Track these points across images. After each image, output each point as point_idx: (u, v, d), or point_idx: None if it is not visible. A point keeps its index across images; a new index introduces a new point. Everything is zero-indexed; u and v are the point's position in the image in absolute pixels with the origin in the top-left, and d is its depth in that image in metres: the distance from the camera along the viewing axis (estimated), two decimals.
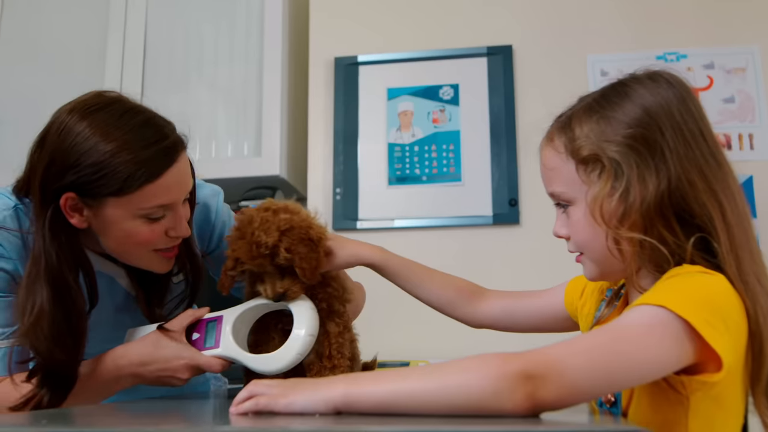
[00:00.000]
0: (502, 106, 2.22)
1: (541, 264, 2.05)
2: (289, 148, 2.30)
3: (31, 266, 1.09)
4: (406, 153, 2.24)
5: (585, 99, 0.98)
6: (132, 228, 1.10)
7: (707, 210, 0.88)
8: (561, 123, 0.98)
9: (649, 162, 0.88)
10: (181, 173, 1.12)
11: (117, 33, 2.43)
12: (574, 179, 0.94)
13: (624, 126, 0.90)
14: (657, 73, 0.94)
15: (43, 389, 1.08)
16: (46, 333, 1.06)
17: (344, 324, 1.18)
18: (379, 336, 1.41)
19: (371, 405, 0.76)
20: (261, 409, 0.78)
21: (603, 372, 0.77)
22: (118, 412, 0.97)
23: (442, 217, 2.18)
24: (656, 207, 0.88)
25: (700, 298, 0.82)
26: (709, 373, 0.82)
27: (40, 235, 1.08)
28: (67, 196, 1.07)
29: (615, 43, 2.22)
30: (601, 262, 0.95)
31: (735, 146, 2.10)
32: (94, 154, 1.05)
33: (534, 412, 0.74)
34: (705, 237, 0.88)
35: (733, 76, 2.15)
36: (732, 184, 0.91)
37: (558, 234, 1.00)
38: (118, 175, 1.05)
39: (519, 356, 0.75)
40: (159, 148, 1.08)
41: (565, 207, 0.97)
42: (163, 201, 1.10)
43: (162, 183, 1.08)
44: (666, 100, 0.91)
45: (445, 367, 0.78)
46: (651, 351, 0.79)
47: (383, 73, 2.31)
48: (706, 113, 0.93)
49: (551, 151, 0.97)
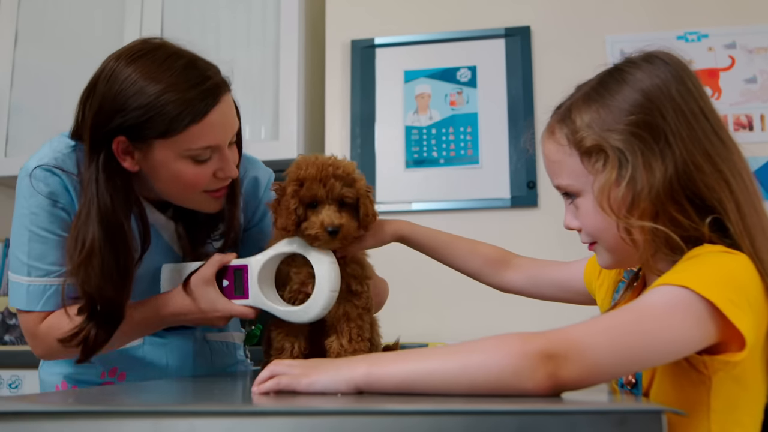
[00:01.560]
0: (520, 88, 2.20)
1: (560, 247, 2.03)
2: (306, 131, 2.30)
3: (84, 207, 1.14)
4: (424, 136, 2.23)
5: (582, 87, 0.97)
6: (180, 169, 1.14)
7: (716, 192, 0.87)
8: (560, 114, 0.97)
9: (653, 148, 0.87)
10: (226, 114, 1.15)
11: (134, 18, 2.44)
12: (579, 171, 0.93)
13: (625, 113, 0.89)
14: (652, 55, 0.93)
15: (90, 324, 1.14)
16: (96, 270, 1.12)
17: (363, 305, 1.18)
18: (399, 319, 1.41)
19: (393, 385, 0.76)
20: (282, 388, 0.79)
21: (624, 351, 0.77)
22: (142, 392, 0.99)
23: (460, 200, 2.18)
24: (666, 192, 0.87)
25: (722, 277, 0.81)
26: (732, 352, 0.82)
27: (94, 179, 1.13)
28: (118, 140, 1.12)
29: (634, 23, 2.19)
30: (615, 251, 0.94)
31: (757, 127, 2.07)
32: (140, 97, 1.09)
33: (555, 391, 0.74)
34: (718, 218, 0.87)
35: (756, 56, 2.12)
36: (738, 161, 0.90)
37: (569, 226, 0.99)
38: (164, 116, 1.08)
39: (540, 336, 0.76)
40: (203, 89, 1.11)
41: (573, 198, 0.97)
42: (208, 142, 1.12)
43: (207, 123, 1.11)
44: (664, 82, 0.90)
45: (467, 347, 0.78)
46: (673, 330, 0.78)
47: (400, 55, 2.30)
48: (705, 90, 0.92)
49: (553, 144, 0.97)
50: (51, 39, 2.53)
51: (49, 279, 1.20)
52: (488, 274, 1.28)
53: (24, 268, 1.20)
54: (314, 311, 1.12)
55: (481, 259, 1.27)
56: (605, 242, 0.95)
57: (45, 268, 1.20)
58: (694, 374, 0.85)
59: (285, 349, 1.17)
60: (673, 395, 0.89)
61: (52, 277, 1.20)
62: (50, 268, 1.20)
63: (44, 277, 1.20)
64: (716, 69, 2.12)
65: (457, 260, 1.27)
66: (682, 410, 0.86)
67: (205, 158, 1.14)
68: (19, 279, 1.21)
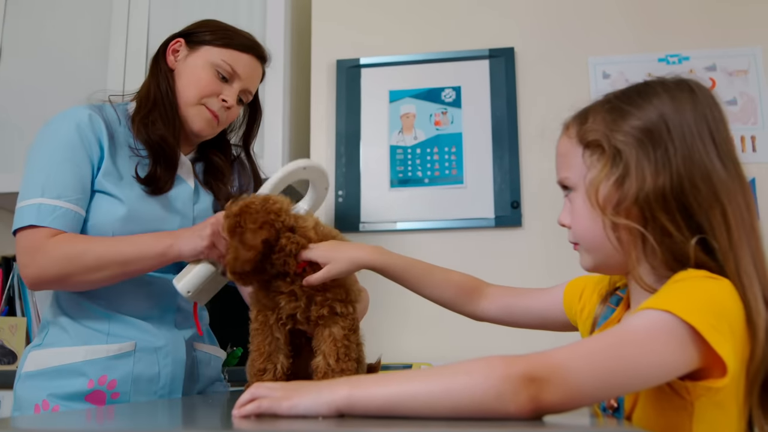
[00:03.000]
0: (504, 109, 2.22)
1: (543, 266, 2.04)
2: (291, 150, 2.30)
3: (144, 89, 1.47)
4: (408, 155, 2.24)
5: (609, 94, 1.00)
6: (202, 75, 1.43)
7: (708, 212, 0.88)
8: (580, 113, 1.00)
9: (650, 156, 0.90)
10: (255, 73, 1.51)
11: (120, 34, 2.43)
12: (579, 164, 0.97)
13: (634, 119, 0.92)
14: (684, 81, 0.96)
15: (157, 167, 1.39)
16: (159, 120, 1.40)
17: (350, 326, 1.17)
18: (382, 338, 1.41)
19: (375, 407, 0.76)
20: (264, 411, 0.78)
21: (606, 376, 0.77)
22: (122, 414, 0.97)
23: (445, 219, 2.18)
24: (657, 201, 0.88)
25: (705, 302, 0.82)
26: (714, 378, 0.82)
27: (153, 76, 1.47)
28: (177, 39, 1.48)
29: (617, 45, 2.22)
30: (597, 251, 0.96)
31: (738, 148, 2.09)
32: (220, 22, 1.53)
33: (537, 414, 0.74)
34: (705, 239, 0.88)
35: (735, 78, 2.15)
36: (738, 188, 0.91)
37: (561, 222, 1.01)
38: (225, 36, 1.47)
39: (522, 359, 0.75)
40: (255, 44, 1.51)
41: (569, 192, 0.99)
42: (235, 68, 1.45)
43: (243, 57, 1.47)
44: (682, 104, 0.92)
45: (449, 370, 0.78)
46: (655, 355, 0.78)
47: (385, 75, 2.31)
48: (725, 122, 0.94)
49: (565, 138, 1.01)
50: (36, 53, 2.52)
51: (60, 201, 1.29)
52: (462, 303, 1.26)
53: (37, 189, 1.29)
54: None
55: (454, 288, 1.26)
56: (588, 242, 0.96)
57: (59, 191, 1.29)
58: (677, 399, 0.85)
59: (267, 370, 1.16)
60: (655, 420, 0.89)
61: (64, 201, 1.29)
62: (64, 191, 1.29)
63: (56, 199, 1.28)
64: None
65: (430, 290, 1.25)
66: None
67: (224, 77, 1.44)
68: (30, 201, 1.28)
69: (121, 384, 1.33)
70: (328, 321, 1.15)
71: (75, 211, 1.31)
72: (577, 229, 0.98)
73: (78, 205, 1.31)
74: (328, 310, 1.15)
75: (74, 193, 1.31)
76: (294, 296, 1.15)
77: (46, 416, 1.14)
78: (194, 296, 1.28)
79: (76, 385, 1.31)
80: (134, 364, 1.35)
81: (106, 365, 1.32)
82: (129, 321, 1.38)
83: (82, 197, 1.32)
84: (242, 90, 1.47)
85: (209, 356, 1.53)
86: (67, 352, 1.33)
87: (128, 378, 1.34)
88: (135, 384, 1.34)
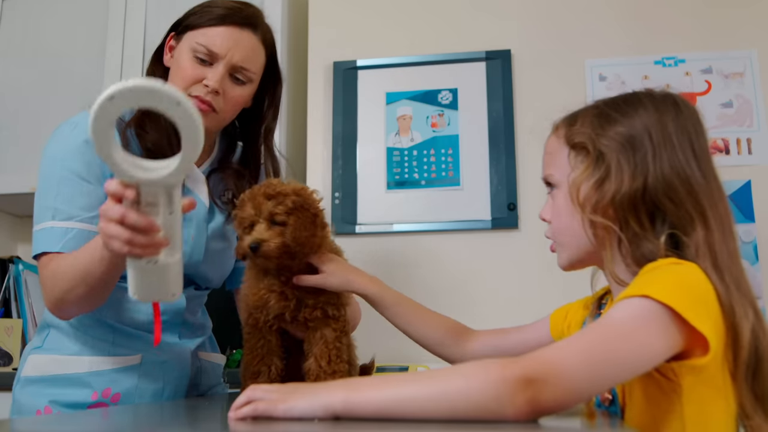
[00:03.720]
0: (500, 111, 2.22)
1: (540, 268, 2.04)
2: (288, 151, 2.30)
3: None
4: (405, 157, 2.24)
5: (599, 101, 1.06)
6: (184, 62, 1.30)
7: (685, 210, 0.94)
8: (570, 116, 1.07)
9: (630, 160, 0.96)
10: (240, 44, 1.30)
11: (116, 36, 2.43)
12: (564, 164, 1.03)
13: (619, 125, 0.99)
14: (670, 95, 1.02)
15: None
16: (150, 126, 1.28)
17: (341, 329, 1.18)
18: (378, 340, 1.41)
19: (371, 410, 0.76)
20: (260, 414, 0.78)
21: (600, 368, 0.79)
22: (121, 416, 0.97)
23: (441, 221, 2.18)
24: (629, 201, 0.94)
25: (679, 285, 0.86)
26: (697, 357, 0.86)
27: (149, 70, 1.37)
28: (171, 35, 1.36)
29: (613, 47, 2.22)
30: (573, 248, 1.03)
31: (733, 151, 2.10)
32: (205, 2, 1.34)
33: (535, 416, 0.74)
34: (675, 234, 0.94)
35: (731, 81, 2.15)
36: (714, 192, 0.97)
37: (542, 216, 1.09)
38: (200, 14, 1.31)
39: (518, 361, 0.76)
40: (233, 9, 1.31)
41: (552, 189, 1.06)
42: (212, 46, 1.28)
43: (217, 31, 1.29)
44: (666, 116, 0.98)
45: (446, 373, 0.78)
46: (642, 342, 0.82)
47: (382, 77, 2.31)
48: (704, 134, 1.00)
49: (553, 137, 1.07)
50: (32, 55, 2.51)
51: (72, 222, 1.22)
52: (448, 344, 1.26)
53: (48, 213, 1.22)
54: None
55: (443, 329, 1.27)
56: (566, 237, 1.03)
57: (69, 212, 1.22)
58: (665, 382, 0.89)
59: (261, 372, 1.17)
60: (646, 406, 0.92)
61: (75, 221, 1.22)
62: (75, 212, 1.22)
63: (67, 221, 1.21)
64: (693, 93, 2.16)
65: (419, 328, 1.26)
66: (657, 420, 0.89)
67: (203, 59, 1.29)
68: (42, 225, 1.22)
69: (125, 398, 1.29)
70: (319, 323, 1.16)
71: (89, 230, 1.22)
72: (556, 224, 1.05)
73: (92, 224, 1.22)
74: (320, 312, 1.15)
75: (86, 212, 1.23)
76: (285, 297, 1.15)
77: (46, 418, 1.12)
78: (144, 296, 1.05)
79: (80, 395, 1.27)
80: (139, 378, 1.31)
81: (111, 378, 1.28)
82: (134, 333, 1.32)
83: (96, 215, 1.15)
84: (231, 67, 1.30)
85: (212, 364, 1.51)
86: (71, 361, 1.29)
87: (133, 392, 1.30)
88: (139, 398, 1.30)
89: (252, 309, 1.18)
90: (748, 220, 2.01)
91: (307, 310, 1.15)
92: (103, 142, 0.89)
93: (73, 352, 1.30)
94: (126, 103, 0.90)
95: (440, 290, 2.10)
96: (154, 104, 0.89)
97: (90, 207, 1.23)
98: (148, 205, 0.95)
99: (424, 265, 2.14)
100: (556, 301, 1.48)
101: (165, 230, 0.96)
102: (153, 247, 0.96)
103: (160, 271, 1.01)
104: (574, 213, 0.99)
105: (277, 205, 1.11)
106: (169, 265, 1.00)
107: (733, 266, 0.93)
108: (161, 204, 0.95)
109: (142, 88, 0.88)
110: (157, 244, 0.96)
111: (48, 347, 1.32)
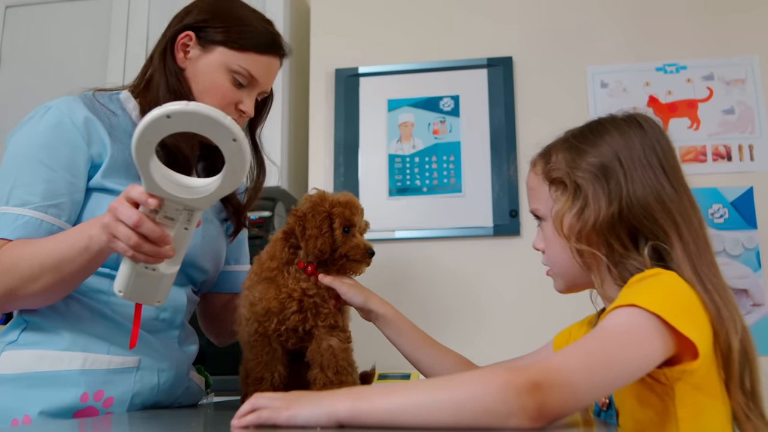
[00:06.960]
0: (502, 118, 2.22)
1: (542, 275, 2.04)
2: (289, 159, 2.30)
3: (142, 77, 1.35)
4: (407, 164, 2.24)
5: (568, 133, 1.12)
6: (219, 81, 1.30)
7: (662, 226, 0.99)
8: (544, 151, 1.13)
9: (605, 187, 1.02)
10: (271, 73, 1.36)
11: (119, 43, 2.44)
12: (546, 198, 1.09)
13: (590, 156, 1.05)
14: (633, 117, 1.08)
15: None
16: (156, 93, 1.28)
17: (347, 338, 1.19)
18: (381, 347, 1.41)
19: (377, 418, 0.76)
20: (263, 422, 0.78)
21: (600, 373, 0.81)
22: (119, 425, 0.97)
23: (443, 228, 2.18)
24: (609, 225, 1.00)
25: (664, 294, 0.90)
26: (687, 362, 0.89)
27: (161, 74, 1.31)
28: (187, 33, 1.30)
29: (615, 54, 2.23)
30: (567, 275, 1.09)
31: (735, 157, 2.10)
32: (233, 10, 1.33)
33: (541, 423, 0.74)
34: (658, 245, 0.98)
35: (733, 87, 2.16)
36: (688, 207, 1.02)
37: (535, 246, 1.15)
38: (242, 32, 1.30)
39: (524, 369, 0.77)
40: (276, 39, 1.35)
41: (541, 222, 1.12)
42: (253, 72, 1.31)
43: (263, 60, 1.32)
44: (631, 138, 1.04)
45: (452, 380, 0.78)
46: (637, 347, 0.85)
47: (384, 84, 2.31)
48: (673, 151, 1.06)
49: (532, 174, 1.14)
50: (34, 63, 2.52)
51: (24, 210, 1.16)
52: None
53: (4, 197, 1.17)
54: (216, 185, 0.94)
55: (452, 363, 1.28)
56: (557, 266, 1.10)
57: (24, 198, 1.17)
58: (658, 387, 0.92)
59: (264, 379, 1.17)
60: (641, 411, 0.95)
61: (28, 209, 1.16)
62: (30, 198, 1.17)
63: (20, 207, 1.16)
64: (695, 100, 2.16)
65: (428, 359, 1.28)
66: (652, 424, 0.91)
67: (241, 83, 1.31)
68: None
69: (117, 405, 1.18)
70: (325, 334, 1.16)
71: (42, 220, 1.16)
72: (549, 255, 1.11)
73: (47, 213, 1.16)
74: (332, 320, 1.17)
75: (44, 200, 1.17)
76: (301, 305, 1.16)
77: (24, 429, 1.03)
78: (129, 296, 1.03)
79: (67, 397, 1.14)
80: (134, 383, 1.21)
81: (105, 379, 1.18)
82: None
83: (54, 204, 1.17)
84: (260, 92, 1.37)
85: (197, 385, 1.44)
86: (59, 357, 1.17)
87: (126, 398, 1.20)
88: (132, 405, 1.20)
89: (261, 317, 1.17)
90: (751, 227, 2.00)
91: (319, 318, 1.16)
92: (143, 153, 0.91)
93: (61, 347, 1.18)
94: (180, 125, 0.89)
95: (442, 297, 2.10)
96: (208, 133, 0.89)
97: (49, 195, 1.17)
98: (167, 218, 0.96)
99: (426, 272, 2.13)
100: (558, 307, 1.48)
101: (174, 243, 0.97)
102: (159, 257, 0.96)
103: (156, 278, 1.01)
104: (563, 243, 1.05)
105: (362, 220, 1.28)
106: (165, 276, 1.01)
107: (712, 274, 0.98)
108: (179, 220, 0.96)
109: (203, 115, 0.87)
110: (163, 255, 0.96)
111: (26, 342, 1.19)
